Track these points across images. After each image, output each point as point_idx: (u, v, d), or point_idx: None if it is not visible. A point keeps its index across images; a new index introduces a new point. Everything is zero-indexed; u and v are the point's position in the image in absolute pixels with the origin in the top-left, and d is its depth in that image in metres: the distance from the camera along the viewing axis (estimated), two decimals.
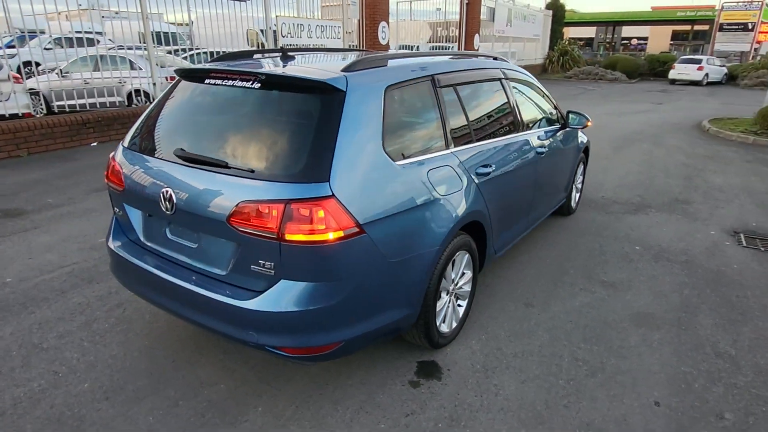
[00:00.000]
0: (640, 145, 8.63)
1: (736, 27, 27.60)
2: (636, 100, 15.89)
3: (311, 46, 11.71)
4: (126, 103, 9.19)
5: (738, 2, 27.78)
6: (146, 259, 2.34)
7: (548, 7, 28.60)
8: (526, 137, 3.37)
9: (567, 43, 27.74)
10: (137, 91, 9.33)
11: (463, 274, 2.73)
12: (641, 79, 24.94)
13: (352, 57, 2.48)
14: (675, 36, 50.69)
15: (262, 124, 2.16)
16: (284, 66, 2.47)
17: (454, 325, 2.74)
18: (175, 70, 2.58)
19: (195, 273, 2.17)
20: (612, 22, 46.51)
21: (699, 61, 22.03)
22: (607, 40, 49.46)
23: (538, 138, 3.56)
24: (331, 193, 1.87)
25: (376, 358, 2.61)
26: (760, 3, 26.91)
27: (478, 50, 19.72)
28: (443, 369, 2.55)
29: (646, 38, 53.10)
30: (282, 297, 1.93)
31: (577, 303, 3.25)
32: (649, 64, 25.89)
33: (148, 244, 2.38)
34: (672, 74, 22.63)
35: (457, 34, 21.72)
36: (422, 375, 2.50)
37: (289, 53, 2.56)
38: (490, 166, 2.79)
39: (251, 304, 1.94)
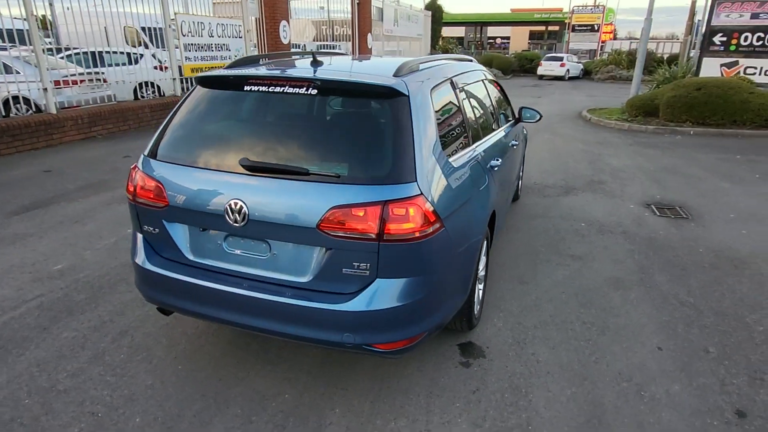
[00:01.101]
0: (541, 135, 9.65)
1: (585, 28, 31.69)
2: (518, 95, 17.55)
3: (213, 45, 11.17)
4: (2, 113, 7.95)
5: (585, 6, 31.90)
6: (198, 275, 2.22)
7: (427, 7, 30.17)
8: (505, 132, 3.73)
9: (446, 42, 29.54)
10: (15, 98, 8.11)
11: (482, 259, 2.99)
12: (514, 75, 27.52)
13: (385, 61, 2.58)
14: (532, 36, 56.45)
15: (333, 129, 2.20)
16: (316, 71, 2.48)
17: (478, 307, 2.99)
18: (197, 77, 2.45)
19: (268, 284, 2.14)
20: (479, 23, 50.36)
21: (561, 59, 24.94)
22: (477, 39, 53.46)
23: (509, 132, 3.94)
24: (419, 192, 1.98)
25: (419, 348, 2.75)
26: (602, 8, 31.24)
27: (371, 49, 20.23)
28: (483, 347, 2.78)
29: (508, 37, 58.43)
30: (380, 295, 2.00)
31: (560, 276, 3.69)
32: (519, 61, 28.65)
33: (197, 260, 2.26)
34: (540, 70, 25.32)
35: (344, 32, 22.13)
36: (468, 355, 2.71)
37: (318, 58, 2.58)
38: (497, 160, 3.07)
39: (350, 306, 1.99)
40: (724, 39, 10.96)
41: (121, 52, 10.30)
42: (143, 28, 11.12)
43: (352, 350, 2.10)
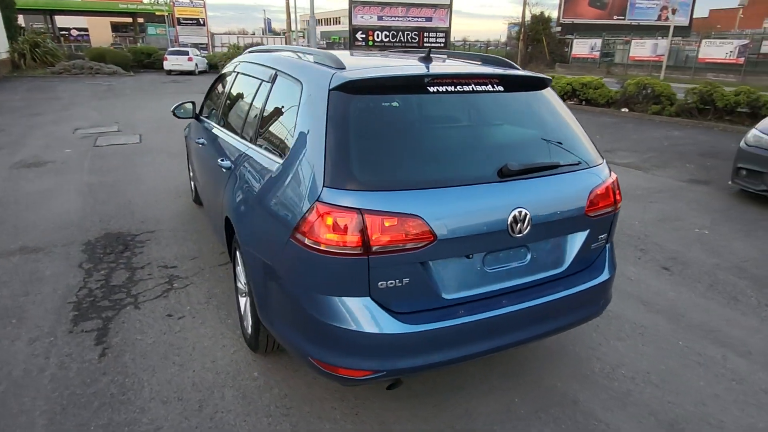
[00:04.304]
0: None
1: (192, 21, 31.57)
2: (181, 92, 16.48)
3: None
4: None
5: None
6: (458, 314, 1.90)
7: None
8: None
9: (36, 34, 23.98)
10: None
11: None
12: (136, 72, 25.05)
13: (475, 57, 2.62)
14: (116, 28, 51.55)
15: (539, 120, 2.21)
16: (427, 65, 2.31)
17: None
18: (349, 83, 1.87)
19: (530, 288, 2.07)
20: (51, 10, 42.16)
21: (187, 53, 24.35)
22: (48, 30, 44.63)
23: None
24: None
25: None
26: (202, 2, 31.75)
27: None
28: None
29: (86, 29, 51.36)
30: (612, 257, 2.33)
31: None
32: (135, 56, 26.17)
33: (454, 296, 1.91)
34: (167, 65, 24.02)
35: None
36: None
37: (432, 55, 2.34)
38: None
39: (605, 274, 2.24)
40: (364, 36, 13.68)
41: None
42: None
43: (589, 320, 2.33)
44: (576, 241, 2.17)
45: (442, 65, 2.29)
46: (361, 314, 1.77)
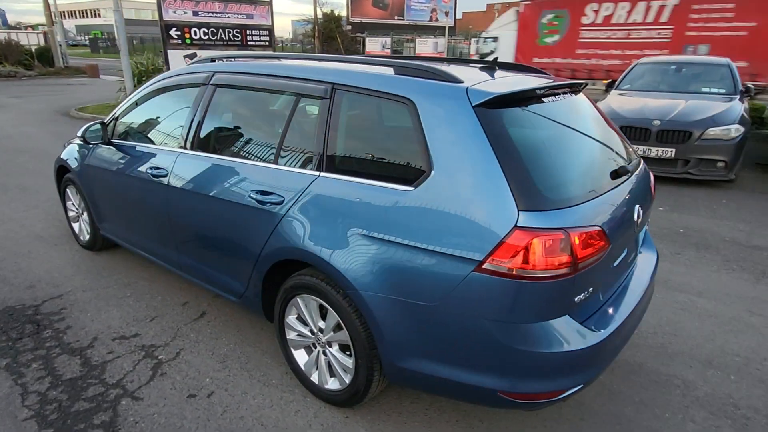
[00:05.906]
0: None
1: None
2: None
3: None
4: None
5: None
6: (615, 309, 2.02)
7: None
8: None
9: None
10: None
11: None
12: None
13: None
14: None
15: (594, 122, 2.37)
16: (498, 75, 2.33)
17: None
18: (491, 100, 1.77)
19: (632, 275, 2.29)
20: None
21: None
22: None
23: None
24: None
25: None
26: None
27: None
28: None
29: None
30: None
31: None
32: None
33: (604, 298, 2.00)
34: None
35: None
36: None
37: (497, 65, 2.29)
38: None
39: (654, 249, 2.60)
40: (179, 33, 12.25)
41: None
42: None
43: None
44: (645, 226, 2.48)
45: (534, 77, 2.33)
46: (566, 333, 1.73)
